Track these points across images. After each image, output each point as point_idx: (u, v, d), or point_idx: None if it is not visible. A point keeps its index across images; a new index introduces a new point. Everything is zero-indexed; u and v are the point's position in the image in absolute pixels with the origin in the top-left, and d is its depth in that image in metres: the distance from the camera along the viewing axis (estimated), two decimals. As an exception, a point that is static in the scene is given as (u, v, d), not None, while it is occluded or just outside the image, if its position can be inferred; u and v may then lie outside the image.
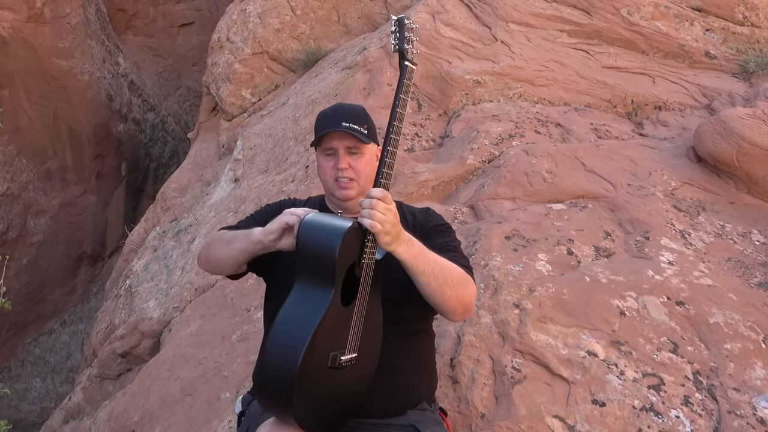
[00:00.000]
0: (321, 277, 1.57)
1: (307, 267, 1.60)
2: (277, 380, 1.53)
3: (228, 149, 6.77)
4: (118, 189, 12.15)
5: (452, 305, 1.69)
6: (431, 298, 1.67)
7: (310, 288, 1.58)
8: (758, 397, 2.37)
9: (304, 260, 1.60)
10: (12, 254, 9.84)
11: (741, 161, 3.59)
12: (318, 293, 1.56)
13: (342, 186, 1.84)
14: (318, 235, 1.59)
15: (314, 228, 1.61)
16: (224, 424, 3.06)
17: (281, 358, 1.53)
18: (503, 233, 3.13)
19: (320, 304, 1.55)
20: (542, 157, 3.79)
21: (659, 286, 2.78)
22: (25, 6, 9.77)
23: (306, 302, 1.57)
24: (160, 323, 4.63)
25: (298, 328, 1.54)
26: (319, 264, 1.57)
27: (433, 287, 1.65)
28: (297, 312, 1.57)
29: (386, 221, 1.56)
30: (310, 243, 1.59)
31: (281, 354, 1.54)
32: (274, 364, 1.55)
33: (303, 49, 7.09)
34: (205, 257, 1.95)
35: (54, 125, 10.86)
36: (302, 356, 1.50)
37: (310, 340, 1.51)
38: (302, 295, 1.58)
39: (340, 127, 1.81)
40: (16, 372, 10.62)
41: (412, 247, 1.62)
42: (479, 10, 5.65)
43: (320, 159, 1.88)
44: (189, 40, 15.08)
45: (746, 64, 5.22)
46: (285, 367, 1.51)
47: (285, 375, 1.51)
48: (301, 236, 1.60)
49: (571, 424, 2.23)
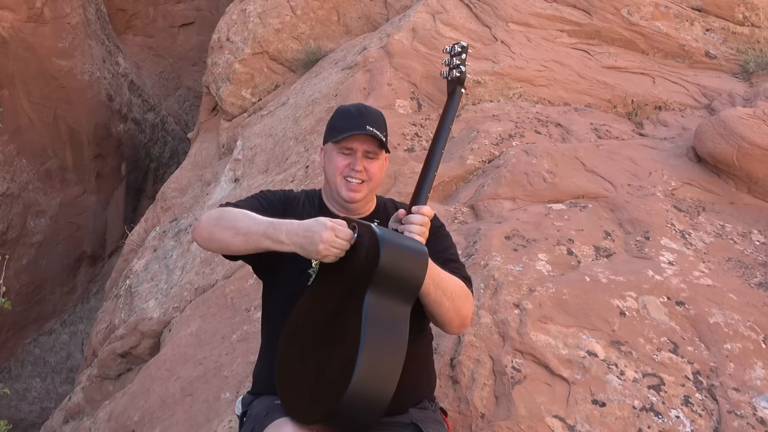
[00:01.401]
0: (400, 299, 1.54)
1: (386, 284, 1.53)
2: (371, 404, 1.49)
3: (228, 149, 6.77)
4: (118, 189, 12.14)
5: (449, 317, 1.71)
6: (429, 308, 1.69)
7: (390, 307, 1.53)
8: (758, 397, 2.37)
9: (387, 277, 1.52)
10: (12, 254, 9.85)
11: (741, 161, 3.59)
12: (399, 314, 1.54)
13: (351, 188, 1.83)
14: (405, 258, 1.55)
15: (396, 248, 1.54)
16: (224, 424, 3.06)
17: (379, 380, 1.49)
18: (503, 233, 3.13)
19: (404, 326, 1.54)
20: (542, 157, 3.79)
21: (659, 286, 2.78)
22: (25, 6, 9.76)
23: (391, 324, 1.53)
24: (160, 323, 4.62)
25: (394, 349, 1.51)
26: (402, 287, 1.54)
27: (432, 298, 1.66)
28: (383, 327, 1.51)
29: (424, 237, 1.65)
30: (397, 264, 1.53)
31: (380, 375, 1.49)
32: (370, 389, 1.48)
33: (303, 49, 7.09)
34: (207, 235, 1.77)
35: (54, 125, 10.86)
36: (397, 378, 1.50)
37: (402, 361, 1.51)
38: (383, 314, 1.53)
39: (365, 131, 1.79)
40: (16, 372, 10.62)
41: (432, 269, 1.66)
42: (479, 10, 5.65)
43: (333, 154, 1.84)
44: (189, 40, 15.07)
45: (746, 64, 5.22)
46: (381, 395, 1.48)
47: (383, 396, 1.48)
48: (387, 256, 1.52)
49: (571, 424, 2.23)
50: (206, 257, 4.69)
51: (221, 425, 3.08)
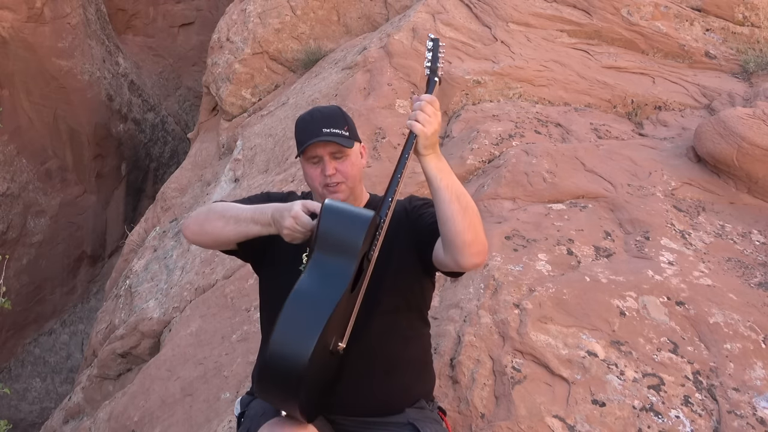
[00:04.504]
0: (341, 260, 1.56)
1: (326, 248, 1.58)
2: (293, 355, 1.47)
3: (228, 149, 6.77)
4: (118, 189, 12.14)
5: (469, 237, 1.60)
6: (449, 222, 1.60)
7: (329, 268, 1.56)
8: (758, 397, 2.37)
9: (325, 241, 1.58)
10: (12, 254, 9.85)
11: (741, 161, 3.59)
12: (337, 274, 1.55)
13: (332, 190, 1.82)
14: (342, 221, 1.59)
15: (338, 213, 1.60)
16: (224, 424, 3.07)
17: (299, 330, 1.49)
18: (503, 233, 3.13)
19: (340, 283, 1.54)
20: (542, 157, 3.79)
21: (659, 286, 2.78)
22: (25, 6, 9.76)
23: (325, 280, 1.55)
24: (160, 323, 4.63)
25: (317, 301, 1.52)
26: (342, 248, 1.57)
27: (454, 208, 1.60)
28: (315, 287, 1.54)
29: (430, 123, 1.62)
30: (334, 226, 1.59)
31: (300, 325, 1.49)
32: (290, 338, 1.49)
33: (303, 49, 7.09)
34: (198, 228, 1.82)
35: (54, 125, 10.86)
36: (321, 330, 1.47)
37: (329, 316, 1.49)
38: (320, 272, 1.56)
39: (322, 135, 1.78)
40: (16, 372, 10.62)
41: (441, 162, 1.66)
42: (479, 10, 5.65)
43: (306, 167, 1.85)
44: (189, 40, 15.06)
45: (746, 64, 5.22)
46: (304, 340, 1.47)
47: (302, 348, 1.46)
48: (325, 219, 1.59)
49: (571, 424, 2.23)
50: (206, 257, 4.69)
51: (221, 425, 3.08)
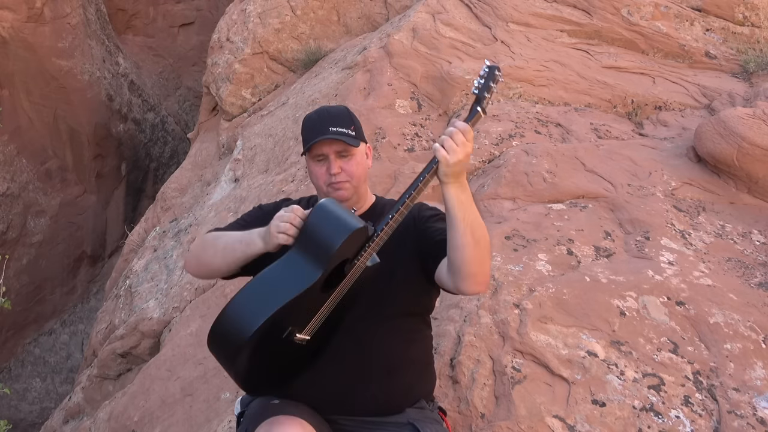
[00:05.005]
0: (314, 259, 1.63)
1: (305, 244, 1.65)
2: (239, 325, 1.62)
3: (228, 149, 6.77)
4: (118, 189, 12.14)
5: (475, 269, 1.62)
6: (459, 252, 1.61)
7: (301, 262, 1.64)
8: (758, 397, 2.37)
9: (306, 238, 1.65)
10: (12, 254, 9.85)
11: (741, 161, 3.59)
12: (306, 270, 1.63)
13: (336, 188, 1.83)
14: (327, 223, 1.64)
15: (327, 214, 1.66)
16: (224, 424, 3.06)
17: (253, 306, 1.63)
18: (503, 233, 3.13)
19: (305, 279, 1.62)
20: (542, 157, 3.79)
21: (659, 286, 2.78)
22: (25, 6, 9.76)
23: (293, 271, 1.64)
24: (160, 323, 4.63)
25: (278, 288, 1.63)
26: (318, 248, 1.63)
27: (467, 240, 1.59)
28: (282, 275, 1.65)
29: (455, 153, 1.55)
30: (318, 226, 1.65)
31: (254, 303, 1.63)
32: (242, 310, 1.63)
33: (303, 49, 7.09)
34: (196, 262, 1.91)
35: (54, 125, 10.86)
36: (271, 314, 1.59)
37: (283, 304, 1.60)
38: (292, 264, 1.65)
39: (329, 133, 1.79)
40: (16, 372, 10.62)
41: (463, 193, 1.60)
42: (479, 10, 5.66)
43: (311, 165, 1.88)
44: (189, 40, 15.06)
45: (746, 64, 5.22)
46: (252, 317, 1.61)
47: (248, 323, 1.60)
48: (313, 216, 1.65)
49: (571, 424, 2.23)
50: (206, 257, 4.69)
51: (221, 425, 3.08)
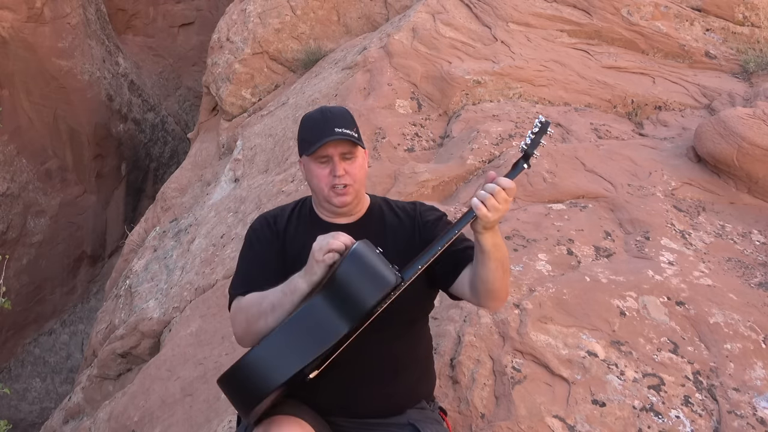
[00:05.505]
0: (343, 311, 1.55)
1: (335, 291, 1.56)
2: (259, 379, 1.54)
3: (228, 149, 6.77)
4: (118, 189, 12.14)
5: (499, 295, 1.73)
6: (488, 282, 1.69)
7: (329, 311, 1.55)
8: (758, 397, 2.37)
9: (337, 285, 1.56)
10: (12, 254, 9.85)
11: (741, 161, 3.59)
12: (334, 323, 1.55)
13: (339, 192, 1.78)
14: (362, 275, 1.55)
15: (362, 264, 1.56)
16: (224, 424, 3.06)
17: (275, 362, 1.54)
18: (503, 233, 3.12)
19: (332, 333, 1.55)
20: (542, 157, 3.79)
21: (659, 286, 2.78)
22: (25, 6, 9.76)
23: (320, 323, 1.55)
24: (160, 323, 4.62)
25: (304, 343, 1.54)
26: (348, 300, 1.55)
27: (497, 274, 1.67)
28: (309, 327, 1.55)
29: (497, 211, 1.58)
30: (352, 276, 1.55)
31: (277, 358, 1.54)
32: (265, 365, 1.55)
33: (303, 49, 7.09)
34: (251, 338, 1.73)
35: (54, 125, 10.86)
36: (294, 372, 1.53)
37: (307, 363, 1.53)
38: (318, 313, 1.56)
39: (335, 134, 1.74)
40: (16, 372, 10.62)
41: (496, 237, 1.65)
42: (479, 10, 5.65)
43: (312, 166, 1.80)
44: (189, 40, 15.06)
45: (746, 64, 5.22)
46: (274, 373, 1.53)
47: (269, 380, 1.53)
48: (348, 264, 1.56)
49: (571, 424, 2.23)
50: (206, 257, 4.69)
51: (221, 425, 3.08)
